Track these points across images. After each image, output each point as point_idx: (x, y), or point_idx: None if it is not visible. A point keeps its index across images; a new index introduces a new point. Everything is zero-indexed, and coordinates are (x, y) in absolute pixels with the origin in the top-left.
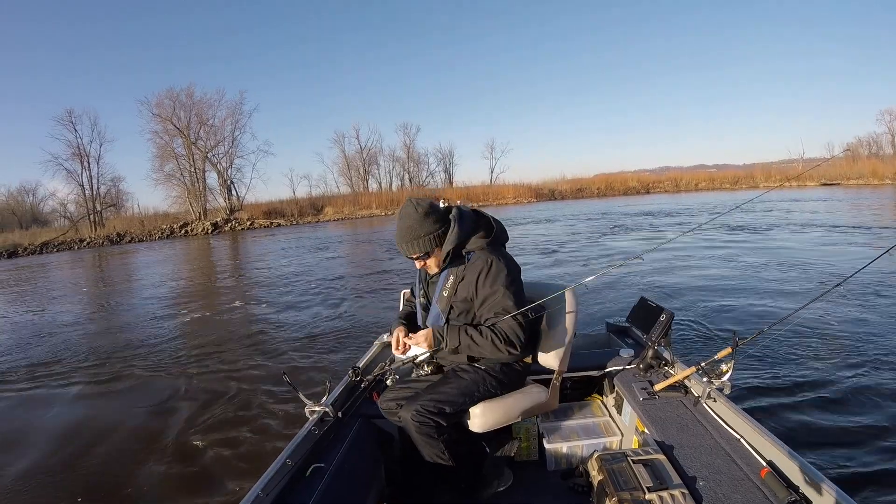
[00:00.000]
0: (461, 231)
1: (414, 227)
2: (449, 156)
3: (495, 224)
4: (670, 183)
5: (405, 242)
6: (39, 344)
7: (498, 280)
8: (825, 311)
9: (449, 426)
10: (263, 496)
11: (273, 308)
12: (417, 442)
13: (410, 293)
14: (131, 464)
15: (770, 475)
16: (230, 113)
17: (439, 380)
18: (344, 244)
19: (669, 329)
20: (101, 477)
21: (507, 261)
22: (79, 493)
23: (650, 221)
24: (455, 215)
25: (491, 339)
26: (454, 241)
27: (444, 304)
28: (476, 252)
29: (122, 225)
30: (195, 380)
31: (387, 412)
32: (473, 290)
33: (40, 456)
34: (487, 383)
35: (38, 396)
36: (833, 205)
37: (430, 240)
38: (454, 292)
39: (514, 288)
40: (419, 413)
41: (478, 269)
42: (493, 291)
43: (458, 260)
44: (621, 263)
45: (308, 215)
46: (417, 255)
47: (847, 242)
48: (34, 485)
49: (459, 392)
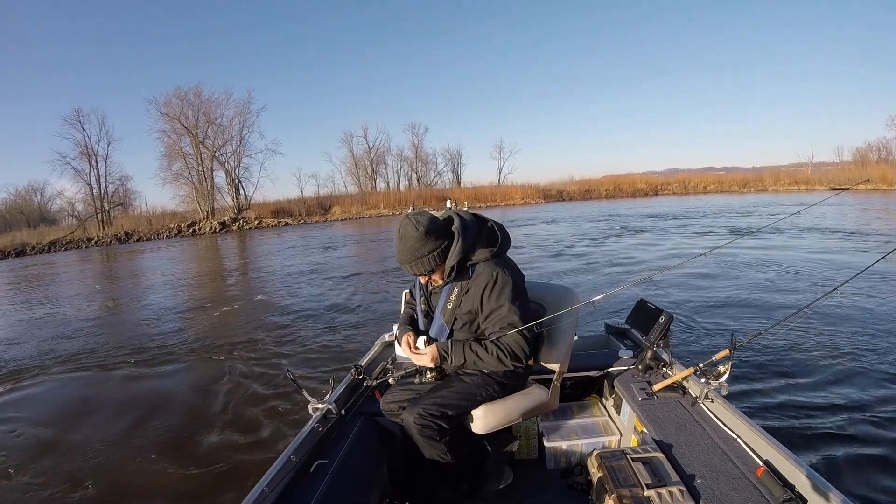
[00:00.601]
0: (464, 245)
1: (415, 247)
2: (457, 156)
3: (500, 232)
4: (678, 185)
5: (407, 263)
6: (73, 336)
7: (503, 294)
8: (823, 315)
9: (451, 429)
10: (268, 492)
11: (278, 305)
12: (419, 443)
13: (410, 295)
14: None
15: (766, 474)
16: (238, 112)
17: (441, 383)
18: (350, 244)
19: (668, 331)
20: (166, 436)
21: (511, 272)
22: (152, 450)
23: (659, 224)
24: (458, 227)
25: (496, 355)
26: (457, 256)
27: (448, 316)
28: (481, 264)
29: (130, 224)
30: (200, 372)
31: (388, 413)
32: (478, 304)
33: (114, 421)
34: (490, 387)
35: (93, 377)
36: (840, 210)
37: (432, 258)
38: (458, 304)
39: (519, 301)
40: (421, 416)
41: (482, 282)
42: (498, 306)
43: (463, 272)
44: (671, 268)
45: (316, 215)
46: (421, 273)
47: (848, 246)
48: (112, 443)
49: (462, 396)
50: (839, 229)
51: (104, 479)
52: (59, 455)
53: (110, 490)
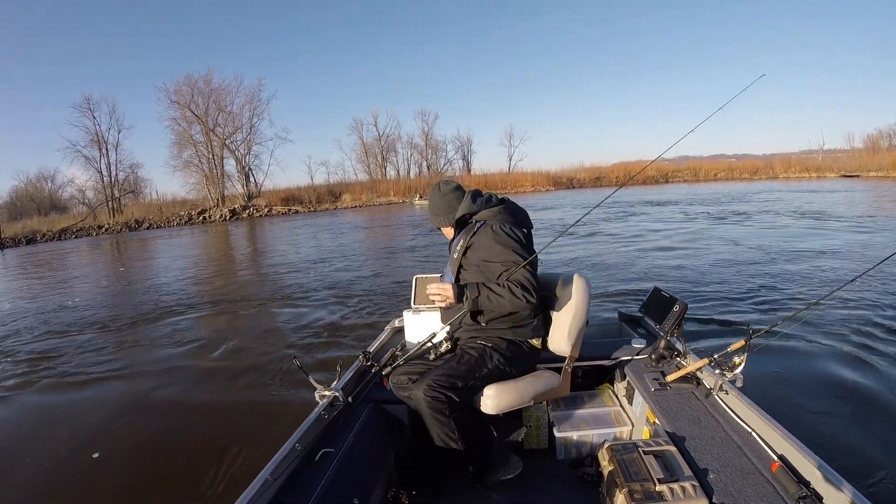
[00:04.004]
0: (469, 203)
1: (435, 203)
2: (467, 143)
3: (514, 206)
4: (689, 172)
5: (430, 216)
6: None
7: (502, 240)
8: (842, 305)
9: (461, 402)
10: (272, 480)
11: (286, 292)
12: (428, 420)
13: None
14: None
15: (781, 469)
16: (248, 100)
17: (449, 357)
18: (360, 231)
19: (682, 320)
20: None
21: (511, 225)
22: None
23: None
24: (469, 191)
25: (509, 288)
26: (462, 211)
27: (454, 266)
28: (486, 221)
29: (141, 211)
30: (205, 359)
31: (397, 387)
32: (481, 253)
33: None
34: (496, 359)
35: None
36: (853, 196)
37: (444, 216)
38: (463, 254)
39: (518, 245)
40: (431, 388)
41: (483, 233)
42: (499, 252)
43: (467, 227)
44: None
45: (326, 202)
46: (439, 226)
47: (868, 234)
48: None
49: (469, 367)
50: (860, 216)
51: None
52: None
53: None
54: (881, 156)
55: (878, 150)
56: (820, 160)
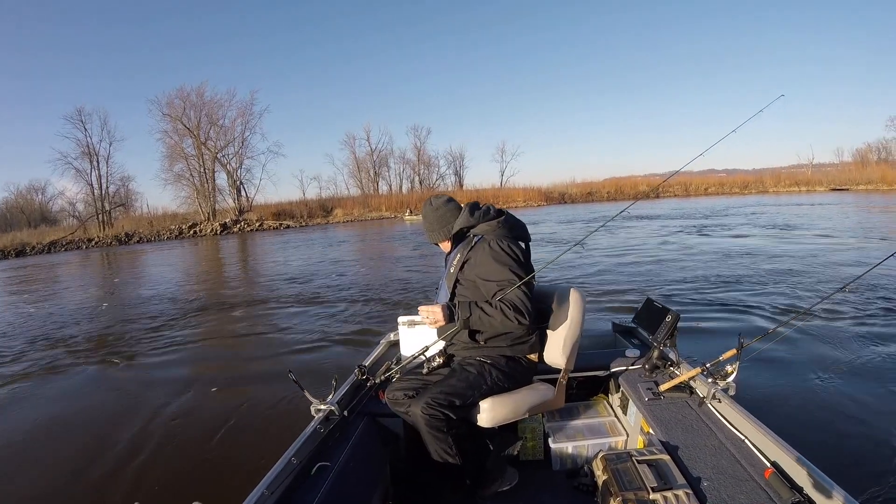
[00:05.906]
0: (468, 217)
1: (429, 218)
2: (459, 158)
3: (508, 215)
4: (680, 187)
5: (426, 232)
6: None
7: (499, 258)
8: (831, 314)
9: (458, 420)
10: (268, 494)
11: (280, 306)
12: (426, 437)
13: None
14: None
15: (774, 476)
16: (240, 113)
17: (447, 374)
18: (352, 245)
19: (675, 330)
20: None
21: (509, 242)
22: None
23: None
24: (466, 205)
25: (501, 309)
26: (459, 226)
27: (450, 280)
28: (483, 236)
29: (131, 225)
30: (198, 371)
31: (393, 402)
32: (478, 269)
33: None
34: (494, 376)
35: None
36: (843, 209)
37: (440, 230)
38: (460, 269)
39: (515, 264)
40: (429, 405)
41: (480, 249)
42: (496, 270)
43: (465, 242)
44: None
45: (317, 217)
46: (435, 241)
47: (854, 246)
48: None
49: (467, 385)
50: (848, 228)
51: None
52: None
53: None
54: (870, 169)
55: (868, 163)
56: (809, 174)
